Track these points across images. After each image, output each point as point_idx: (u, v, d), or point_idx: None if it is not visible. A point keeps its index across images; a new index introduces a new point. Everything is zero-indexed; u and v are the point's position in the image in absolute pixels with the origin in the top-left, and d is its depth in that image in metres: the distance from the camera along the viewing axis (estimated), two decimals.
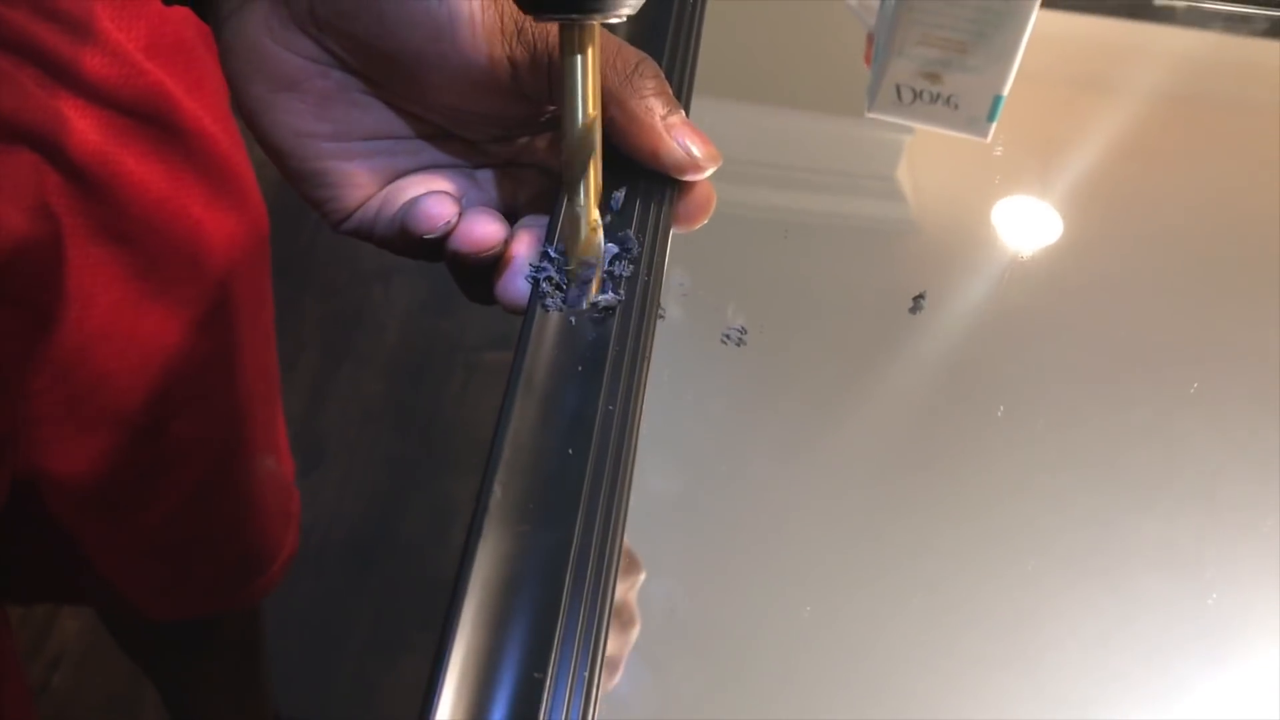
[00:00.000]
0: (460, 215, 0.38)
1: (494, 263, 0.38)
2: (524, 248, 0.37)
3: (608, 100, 0.36)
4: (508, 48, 0.36)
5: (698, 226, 0.40)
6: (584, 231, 0.36)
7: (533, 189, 0.42)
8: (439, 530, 1.50)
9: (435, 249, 0.39)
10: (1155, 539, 0.35)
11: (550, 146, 0.42)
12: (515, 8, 0.35)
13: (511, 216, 0.40)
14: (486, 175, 0.41)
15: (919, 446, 0.37)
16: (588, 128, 0.35)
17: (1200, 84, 0.56)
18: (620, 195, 0.39)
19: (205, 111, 0.59)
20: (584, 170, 0.35)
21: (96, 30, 0.51)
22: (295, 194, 0.41)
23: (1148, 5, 0.57)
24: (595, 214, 0.36)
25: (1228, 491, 0.37)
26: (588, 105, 0.34)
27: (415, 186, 0.40)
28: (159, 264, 0.60)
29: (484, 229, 0.37)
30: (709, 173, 0.38)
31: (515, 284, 0.37)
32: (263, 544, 0.83)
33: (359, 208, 0.40)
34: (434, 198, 0.38)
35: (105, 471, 0.64)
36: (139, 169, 0.56)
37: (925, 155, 0.52)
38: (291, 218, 0.70)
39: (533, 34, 0.36)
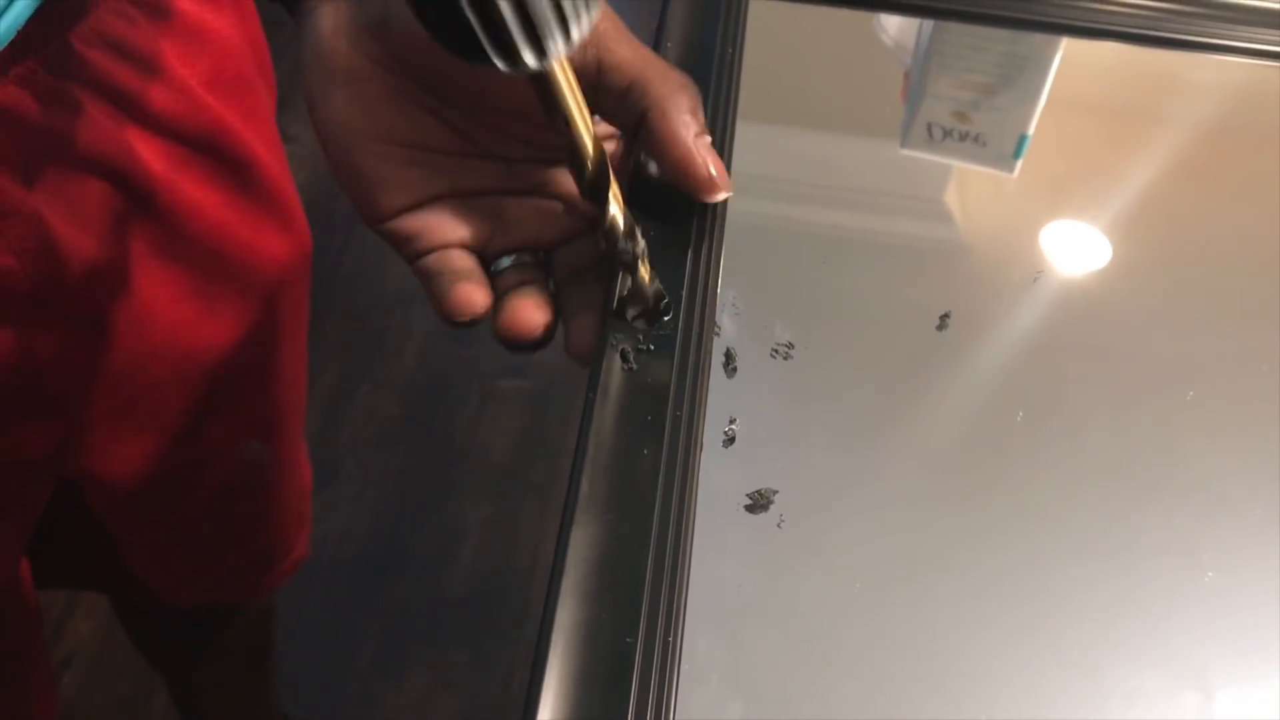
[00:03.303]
0: (497, 298, 0.41)
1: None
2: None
3: (651, 108, 0.39)
4: None
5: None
6: (639, 279, 0.39)
7: (557, 228, 0.43)
8: (449, 549, 1.51)
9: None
10: (1158, 526, 0.40)
11: None
12: None
13: (538, 253, 0.43)
14: (516, 209, 0.44)
15: (950, 447, 0.42)
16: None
17: (1249, 114, 0.58)
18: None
19: (258, 141, 0.62)
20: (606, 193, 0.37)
21: (164, 67, 0.54)
22: (323, 216, 0.43)
23: (1194, 36, 0.56)
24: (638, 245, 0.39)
25: (1221, 485, 0.41)
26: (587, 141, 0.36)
27: (447, 228, 0.42)
28: (213, 284, 0.62)
29: (527, 316, 0.40)
30: (720, 197, 0.41)
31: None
32: (278, 542, 0.86)
33: (393, 217, 0.42)
34: (466, 288, 0.41)
35: (143, 472, 0.66)
36: (197, 195, 0.58)
37: (973, 179, 0.54)
38: (317, 241, 0.73)
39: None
